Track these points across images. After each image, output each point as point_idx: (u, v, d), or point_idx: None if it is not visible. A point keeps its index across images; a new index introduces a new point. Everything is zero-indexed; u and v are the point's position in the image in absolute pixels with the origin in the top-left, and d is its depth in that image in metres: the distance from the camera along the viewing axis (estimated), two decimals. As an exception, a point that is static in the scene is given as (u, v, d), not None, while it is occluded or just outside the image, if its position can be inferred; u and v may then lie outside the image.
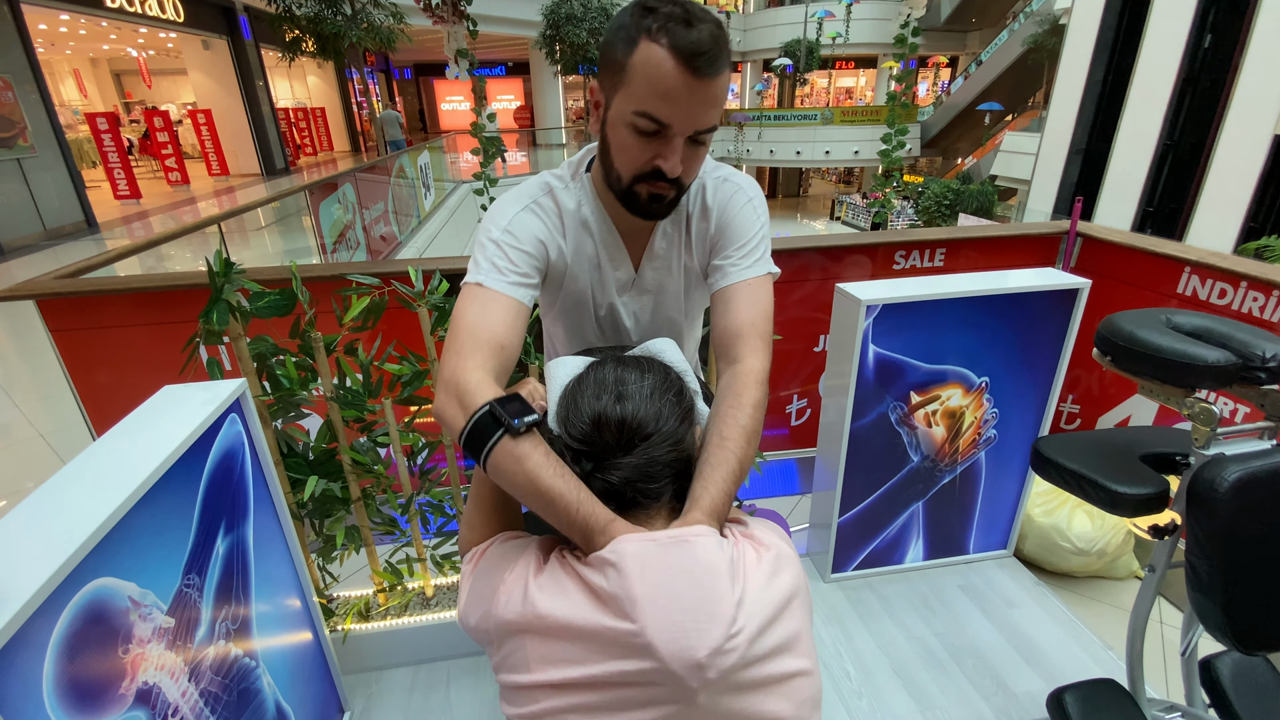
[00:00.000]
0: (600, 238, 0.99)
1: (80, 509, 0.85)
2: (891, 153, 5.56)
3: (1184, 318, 1.18)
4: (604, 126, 0.89)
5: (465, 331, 0.84)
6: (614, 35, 0.82)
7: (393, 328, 1.64)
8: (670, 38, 0.76)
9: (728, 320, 0.94)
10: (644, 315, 1.08)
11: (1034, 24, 15.21)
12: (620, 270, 1.02)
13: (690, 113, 0.80)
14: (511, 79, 24.90)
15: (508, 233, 0.91)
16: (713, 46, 0.76)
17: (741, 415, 0.81)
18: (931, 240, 2.44)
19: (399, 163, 8.22)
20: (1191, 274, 2.04)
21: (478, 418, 0.74)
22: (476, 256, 0.91)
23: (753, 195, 1.00)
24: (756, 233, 0.98)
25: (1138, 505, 1.13)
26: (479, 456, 0.74)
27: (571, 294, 1.02)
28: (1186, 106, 8.76)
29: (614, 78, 0.83)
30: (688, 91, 0.78)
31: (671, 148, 0.83)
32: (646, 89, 0.79)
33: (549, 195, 0.97)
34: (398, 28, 10.52)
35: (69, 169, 8.48)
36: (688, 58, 0.76)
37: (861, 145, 18.97)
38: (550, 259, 0.96)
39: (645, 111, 0.80)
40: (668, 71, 0.77)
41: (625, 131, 0.84)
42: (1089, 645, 1.81)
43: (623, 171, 0.88)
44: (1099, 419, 2.38)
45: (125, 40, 13.55)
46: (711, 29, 0.77)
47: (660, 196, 0.88)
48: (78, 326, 1.97)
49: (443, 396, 0.80)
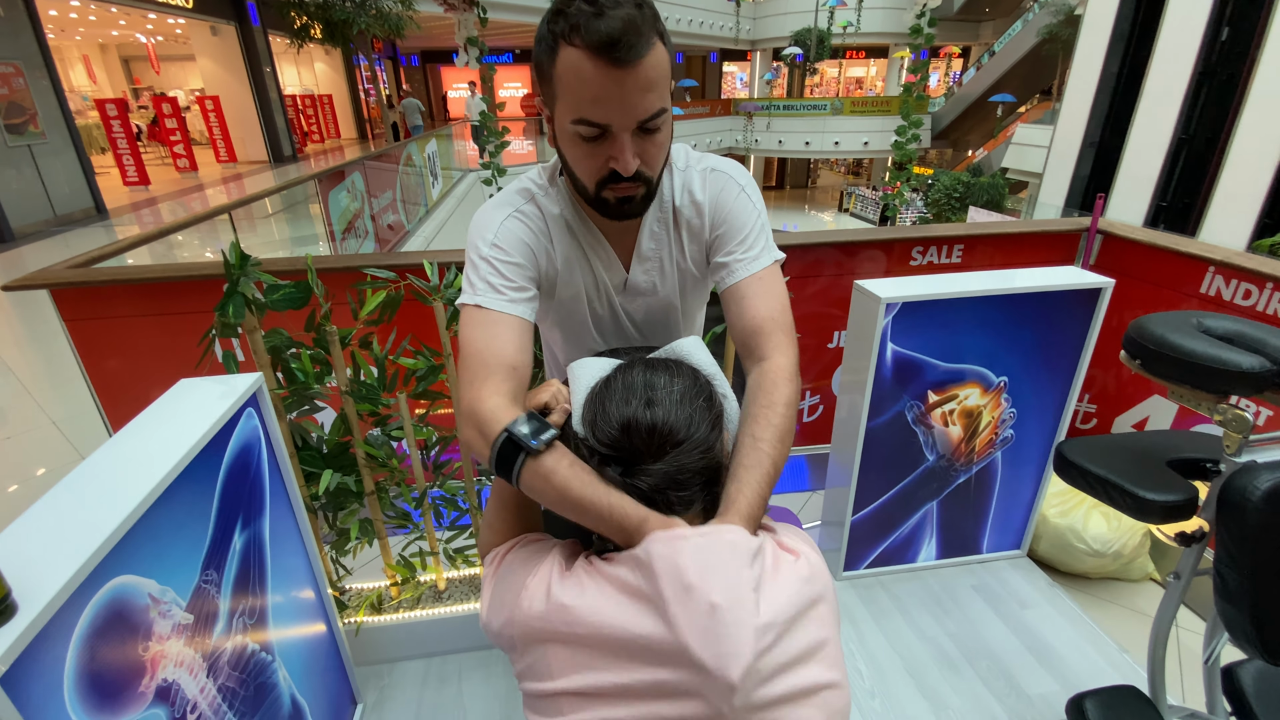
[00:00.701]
0: (586, 242, 0.96)
1: (101, 506, 0.84)
2: (905, 144, 5.50)
3: (1215, 321, 1.16)
4: (555, 141, 0.86)
5: (475, 359, 0.84)
6: (538, 47, 0.79)
7: (407, 321, 1.62)
8: (582, 36, 0.72)
9: (745, 319, 0.91)
10: (639, 316, 1.06)
11: (1049, 14, 14.99)
12: (611, 272, 0.99)
13: (625, 106, 0.76)
14: (519, 66, 24.74)
15: (496, 246, 0.89)
16: (626, 32, 0.71)
17: (774, 415, 0.80)
18: (949, 236, 2.41)
19: (406, 151, 8.19)
20: (1215, 274, 2.01)
21: (499, 445, 0.75)
22: (470, 276, 0.89)
23: (744, 183, 0.97)
24: (755, 222, 0.95)
25: (1166, 512, 1.11)
26: (511, 480, 0.76)
27: (565, 300, 1.00)
28: (1202, 100, 8.63)
29: (548, 90, 0.80)
30: (615, 85, 0.74)
31: (620, 146, 0.79)
32: (575, 95, 0.76)
33: (531, 202, 0.94)
34: (406, 14, 10.45)
35: (79, 155, 8.48)
36: (603, 50, 0.71)
37: (871, 136, 18.81)
38: (541, 267, 0.94)
39: (581, 118, 0.77)
40: (588, 72, 0.73)
41: (570, 142, 0.82)
42: (1104, 648, 1.80)
43: (584, 180, 0.85)
44: (1115, 420, 2.35)
45: (134, 26, 13.52)
46: (625, 13, 0.71)
47: (628, 197, 0.85)
48: (91, 316, 1.97)
49: (466, 429, 0.81)
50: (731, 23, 22.70)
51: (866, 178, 24.08)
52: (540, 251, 0.93)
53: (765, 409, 0.81)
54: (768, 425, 0.79)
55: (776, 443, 0.78)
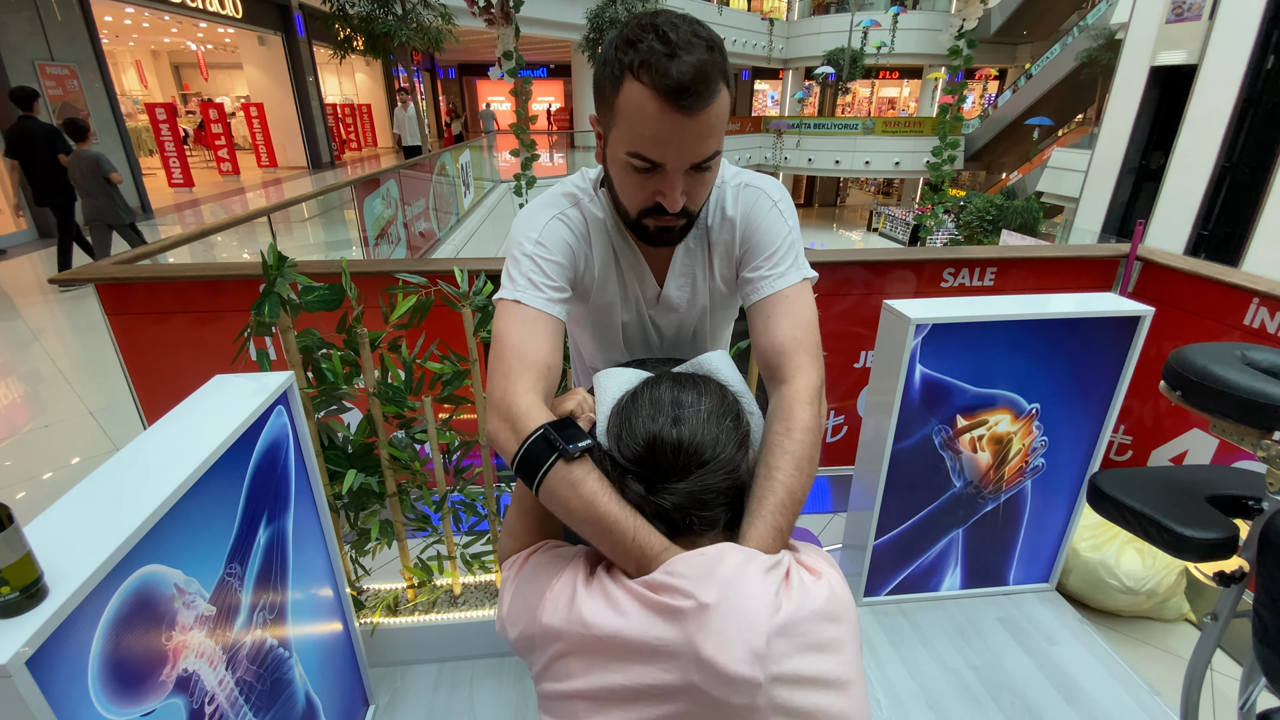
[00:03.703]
0: (622, 253, 0.97)
1: (134, 496, 0.86)
2: (940, 166, 5.45)
3: (1260, 354, 1.12)
4: (605, 162, 0.87)
5: (511, 352, 0.83)
6: (602, 70, 0.79)
7: (436, 326, 1.64)
8: (652, 75, 0.72)
9: (768, 337, 0.89)
10: (669, 330, 1.06)
11: (1088, 38, 14.81)
12: (644, 286, 1.00)
13: (683, 149, 0.77)
14: (552, 80, 25.15)
15: (540, 245, 0.89)
16: (696, 80, 0.71)
17: (790, 442, 0.76)
18: (981, 259, 2.37)
19: (440, 160, 8.34)
20: (1260, 305, 1.95)
21: (531, 442, 0.73)
22: (511, 270, 0.89)
23: (777, 198, 0.95)
24: (785, 237, 0.93)
25: (1205, 550, 1.07)
26: (533, 481, 0.73)
27: (599, 305, 1.00)
28: (1247, 128, 8.43)
29: (606, 115, 0.81)
30: (677, 130, 0.74)
31: (670, 183, 0.80)
32: (634, 130, 0.76)
33: (575, 206, 0.94)
34: (446, 28, 10.69)
35: (128, 156, 8.80)
36: (671, 95, 0.71)
37: (903, 156, 18.71)
38: (580, 270, 0.94)
39: (637, 152, 0.78)
40: (652, 113, 0.73)
41: (621, 170, 0.82)
42: (1134, 689, 1.73)
43: (628, 206, 0.86)
44: (1153, 453, 2.28)
45: (186, 34, 14.04)
46: (698, 58, 0.71)
47: (669, 228, 0.87)
48: (133, 311, 2.03)
49: (495, 421, 0.79)
50: (764, 41, 22.82)
51: (897, 198, 23.89)
52: (580, 255, 0.94)
53: (782, 435, 0.78)
54: (783, 453, 0.76)
55: (793, 471, 0.74)
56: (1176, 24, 9.25)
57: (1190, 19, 9.05)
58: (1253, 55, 8.09)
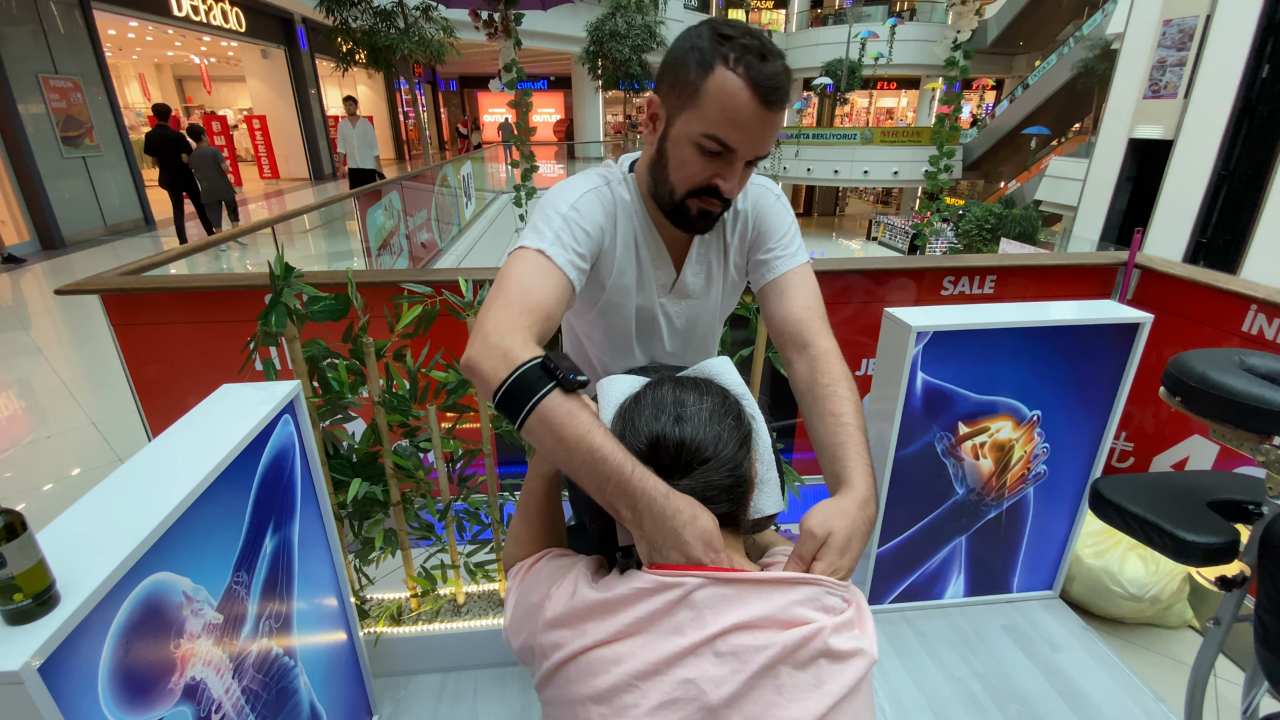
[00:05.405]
0: (643, 238, 1.00)
1: (143, 504, 0.87)
2: (937, 175, 5.49)
3: (1259, 359, 1.13)
4: (663, 141, 0.89)
5: (517, 289, 0.82)
6: (686, 55, 0.83)
7: (440, 336, 1.66)
8: (747, 69, 0.79)
9: (785, 309, 0.97)
10: (680, 320, 1.08)
11: (1084, 48, 14.92)
12: (661, 272, 1.03)
13: (756, 140, 0.84)
14: (553, 93, 25.33)
15: (575, 210, 0.91)
16: (785, 82, 0.81)
17: (842, 389, 0.86)
18: (981, 267, 2.39)
19: (442, 172, 8.39)
20: (1258, 312, 1.96)
21: (525, 369, 0.71)
22: (539, 225, 0.89)
23: (778, 192, 1.05)
24: (791, 225, 1.03)
25: (1206, 554, 1.08)
26: (521, 409, 0.70)
27: (617, 288, 1.01)
28: (1243, 136, 8.48)
29: (682, 97, 0.84)
30: (758, 121, 0.82)
31: (733, 170, 0.86)
32: (719, 114, 0.81)
33: (607, 185, 0.97)
34: (447, 41, 10.79)
35: (131, 168, 8.86)
36: (763, 91, 0.80)
37: (901, 166, 18.78)
38: (604, 246, 0.96)
39: (714, 135, 0.83)
40: (743, 101, 0.80)
41: (688, 149, 0.86)
42: (1139, 696, 1.73)
43: (677, 186, 0.90)
44: (1154, 459, 2.28)
45: (189, 47, 14.15)
46: (783, 64, 0.81)
47: (709, 212, 0.91)
48: (138, 321, 2.04)
49: (479, 347, 0.75)
50: (763, 52, 22.91)
51: (896, 207, 23.99)
52: (607, 232, 0.96)
53: (832, 386, 0.87)
54: (841, 400, 0.85)
55: (857, 414, 0.84)
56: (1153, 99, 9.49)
57: (1166, 96, 9.30)
58: (1246, 65, 8.16)
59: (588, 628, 0.66)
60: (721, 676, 0.60)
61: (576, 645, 0.66)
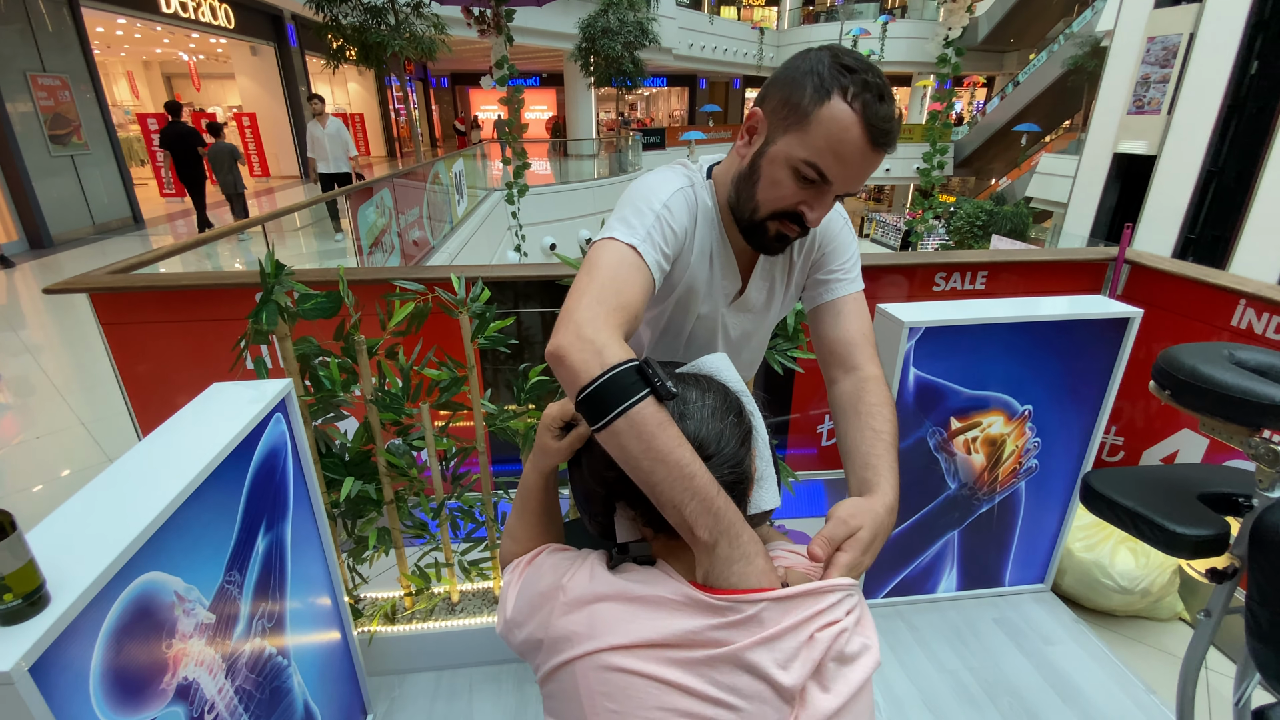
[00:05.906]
0: (717, 246, 0.99)
1: (134, 502, 0.86)
2: (930, 172, 5.50)
3: (1247, 353, 1.14)
4: (759, 157, 0.88)
5: (611, 282, 0.79)
6: (802, 78, 0.82)
7: (433, 333, 1.65)
8: (864, 107, 0.79)
9: (840, 331, 1.00)
10: (736, 332, 1.08)
11: (1074, 46, 15.01)
12: (728, 281, 1.02)
13: (854, 176, 0.84)
14: (545, 90, 25.25)
15: (668, 209, 0.89)
16: (896, 127, 0.82)
17: (887, 410, 0.92)
18: (973, 263, 2.40)
19: (434, 169, 8.35)
20: (1247, 307, 1.98)
21: (620, 370, 0.68)
22: (632, 219, 0.87)
23: (846, 216, 1.05)
24: (854, 250, 1.05)
25: (1196, 547, 1.08)
26: (608, 411, 0.67)
27: (686, 289, 0.99)
28: (1232, 133, 8.56)
29: (789, 118, 0.83)
30: (861, 159, 0.82)
31: (823, 200, 0.86)
32: (825, 143, 0.81)
33: (692, 188, 0.95)
34: (439, 38, 10.72)
35: (119, 166, 8.77)
36: (875, 132, 0.79)
37: (893, 163, 18.84)
38: (683, 248, 0.95)
39: (815, 163, 0.82)
40: (854, 136, 0.79)
41: (784, 171, 0.85)
42: (1130, 688, 1.74)
43: (763, 204, 0.88)
44: (1144, 453, 2.30)
45: (177, 44, 14.00)
46: (895, 109, 0.81)
47: (786, 236, 0.91)
48: (127, 320, 2.02)
49: (573, 337, 0.72)
50: (755, 50, 23.00)
51: (888, 204, 24.05)
52: (688, 234, 0.94)
53: (878, 407, 0.92)
54: (884, 419, 0.90)
55: (894, 435, 0.90)
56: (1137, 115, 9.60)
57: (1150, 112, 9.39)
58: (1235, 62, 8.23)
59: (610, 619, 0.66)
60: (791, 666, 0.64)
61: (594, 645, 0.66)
